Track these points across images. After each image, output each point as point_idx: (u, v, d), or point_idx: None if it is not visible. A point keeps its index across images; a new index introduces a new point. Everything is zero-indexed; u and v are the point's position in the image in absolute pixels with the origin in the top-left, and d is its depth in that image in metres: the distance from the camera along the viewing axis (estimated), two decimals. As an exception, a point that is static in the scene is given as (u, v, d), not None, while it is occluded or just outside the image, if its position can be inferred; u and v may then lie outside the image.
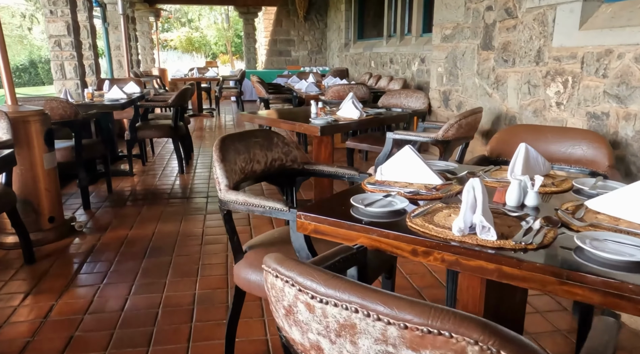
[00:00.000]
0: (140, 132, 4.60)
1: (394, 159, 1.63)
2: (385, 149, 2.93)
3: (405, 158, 1.61)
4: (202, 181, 4.55)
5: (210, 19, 23.79)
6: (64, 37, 5.65)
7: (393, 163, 1.62)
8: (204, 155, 5.77)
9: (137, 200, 3.94)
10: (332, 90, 5.01)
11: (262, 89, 5.61)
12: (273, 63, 12.82)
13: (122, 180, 4.55)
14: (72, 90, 5.81)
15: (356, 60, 10.14)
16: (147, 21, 11.41)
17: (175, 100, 4.59)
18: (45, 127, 2.91)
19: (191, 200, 3.96)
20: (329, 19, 12.36)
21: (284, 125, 3.19)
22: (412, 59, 7.01)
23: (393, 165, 1.62)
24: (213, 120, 9.02)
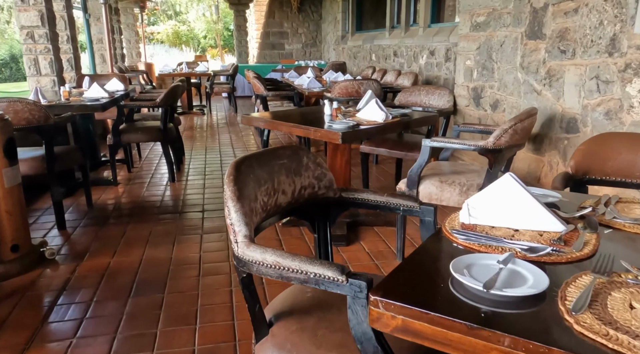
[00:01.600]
0: (124, 136, 4.05)
1: (489, 193, 1.12)
2: (420, 159, 2.44)
3: (506, 192, 1.11)
4: (196, 191, 4.02)
5: (198, 11, 23.03)
6: (38, 28, 5.05)
7: (487, 198, 1.12)
8: (196, 159, 5.23)
9: (122, 216, 3.40)
10: (340, 87, 4.49)
11: (260, 86, 5.07)
12: (266, 57, 12.24)
13: (104, 191, 4.00)
14: (47, 87, 5.22)
15: (355, 54, 9.62)
16: (131, 13, 10.76)
17: (164, 100, 4.04)
18: (4, 136, 2.36)
19: (184, 215, 3.43)
20: (324, 10, 11.80)
21: (296, 130, 2.68)
22: (419, 52, 6.51)
23: (487, 201, 1.12)
24: (204, 118, 8.45)
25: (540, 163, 2.71)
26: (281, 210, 1.37)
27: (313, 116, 3.28)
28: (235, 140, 6.40)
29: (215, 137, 6.61)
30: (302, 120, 3.12)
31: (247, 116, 3.01)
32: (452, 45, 5.60)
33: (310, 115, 3.34)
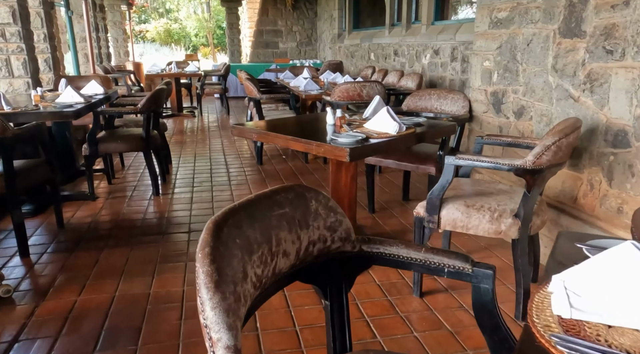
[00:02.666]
0: (102, 146, 3.64)
1: (600, 267, 0.74)
2: (443, 180, 2.06)
3: (622, 269, 0.72)
4: (182, 206, 3.62)
5: (189, 8, 22.51)
6: (9, 25, 4.62)
7: (597, 277, 0.74)
8: (185, 168, 4.82)
9: (96, 239, 3.00)
10: (341, 90, 4.11)
11: (253, 88, 4.68)
12: (259, 56, 11.83)
13: (80, 207, 3.59)
14: (21, 90, 4.79)
15: (352, 53, 9.24)
16: (118, 10, 10.30)
17: (147, 105, 3.63)
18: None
19: (168, 237, 3.03)
20: (320, 8, 11.40)
21: (295, 144, 2.29)
22: (422, 51, 6.14)
23: (598, 282, 0.73)
24: (195, 120, 8.03)
25: (577, 181, 2.35)
26: (281, 277, 0.99)
27: (313, 125, 2.89)
28: (227, 145, 6.00)
29: (206, 142, 6.20)
30: (301, 130, 2.73)
31: (238, 127, 2.61)
32: (458, 44, 5.23)
33: (310, 124, 2.95)
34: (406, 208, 3.55)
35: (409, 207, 3.55)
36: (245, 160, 5.16)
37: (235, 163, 5.01)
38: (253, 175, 4.55)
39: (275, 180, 4.33)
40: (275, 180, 4.33)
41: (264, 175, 4.52)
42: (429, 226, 2.13)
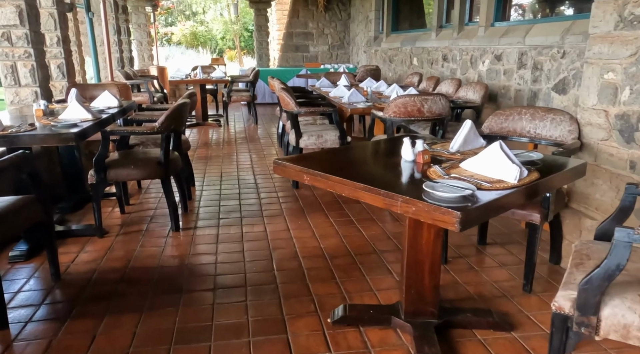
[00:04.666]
0: (111, 172, 3.01)
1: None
2: (611, 264, 1.32)
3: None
4: (207, 247, 2.96)
5: (216, 11, 22.09)
6: (15, 27, 4.06)
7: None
8: (210, 191, 4.18)
9: (98, 299, 2.35)
10: (397, 104, 3.40)
11: (290, 100, 4.00)
12: (288, 60, 11.20)
13: (85, 245, 2.97)
14: (28, 100, 4.23)
15: (390, 57, 8.50)
16: (143, 12, 9.82)
17: (166, 124, 2.99)
18: None
19: (189, 297, 2.36)
20: (354, 9, 10.70)
21: (369, 197, 1.58)
22: (479, 56, 5.37)
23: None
24: (220, 130, 7.43)
25: None
26: None
27: (380, 161, 2.18)
28: (256, 161, 5.34)
29: (233, 157, 5.57)
30: (365, 170, 2.02)
31: (281, 165, 1.92)
32: (529, 48, 4.45)
33: (375, 159, 2.24)
34: (484, 255, 2.81)
35: (488, 254, 2.81)
36: (277, 182, 4.49)
37: (266, 186, 4.34)
38: (288, 203, 3.87)
39: (316, 211, 3.64)
40: (316, 211, 3.64)
41: (302, 203, 3.83)
42: (579, 330, 1.40)
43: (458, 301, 2.32)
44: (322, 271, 2.64)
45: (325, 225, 3.36)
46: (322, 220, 3.46)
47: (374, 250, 2.93)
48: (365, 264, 2.73)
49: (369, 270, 2.64)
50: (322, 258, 2.81)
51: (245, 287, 2.46)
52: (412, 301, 2.01)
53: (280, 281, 2.52)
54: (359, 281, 2.52)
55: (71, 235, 3.12)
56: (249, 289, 2.44)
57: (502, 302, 2.30)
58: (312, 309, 2.25)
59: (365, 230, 3.24)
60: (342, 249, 2.94)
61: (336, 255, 2.86)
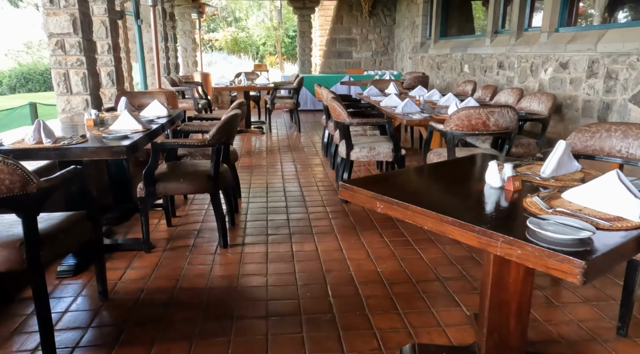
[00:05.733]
0: (160, 186, 2.90)
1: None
2: None
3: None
4: (257, 268, 2.80)
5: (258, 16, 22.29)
6: (69, 36, 4.07)
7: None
8: (256, 204, 4.04)
9: (147, 322, 2.22)
10: (459, 117, 3.15)
11: (342, 111, 3.81)
12: (331, 66, 11.06)
13: (132, 261, 2.87)
14: (79, 108, 4.24)
15: (438, 64, 8.20)
16: (189, 19, 9.91)
17: (217, 136, 2.86)
18: None
19: (240, 325, 2.20)
20: (399, 14, 10.45)
21: (461, 234, 1.36)
22: (541, 63, 5.03)
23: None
24: (263, 138, 7.34)
25: None
26: None
27: (457, 184, 1.95)
28: (301, 171, 5.19)
29: (277, 166, 5.43)
30: (444, 197, 1.80)
31: (349, 188, 1.72)
32: (601, 55, 4.10)
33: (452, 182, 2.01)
34: (561, 288, 2.50)
35: (567, 287, 2.50)
36: (325, 194, 4.31)
37: (314, 199, 4.17)
38: (338, 218, 3.68)
39: (368, 229, 3.43)
40: (368, 229, 3.43)
41: (352, 220, 3.63)
42: None
43: (541, 344, 2.05)
44: (382, 300, 2.43)
45: (380, 245, 3.15)
46: (376, 239, 3.24)
47: (436, 276, 2.69)
48: (428, 293, 2.49)
49: (434, 301, 2.41)
50: (381, 285, 2.59)
51: (300, 316, 2.27)
52: (494, 346, 1.76)
53: (338, 311, 2.32)
54: (424, 314, 2.29)
55: (118, 249, 3.03)
56: (304, 318, 2.25)
57: (593, 347, 2.02)
58: (375, 345, 2.04)
59: (424, 253, 3.00)
60: (401, 274, 2.72)
61: (395, 280, 2.63)
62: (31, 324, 2.18)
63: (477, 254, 2.96)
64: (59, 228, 2.02)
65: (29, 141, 2.45)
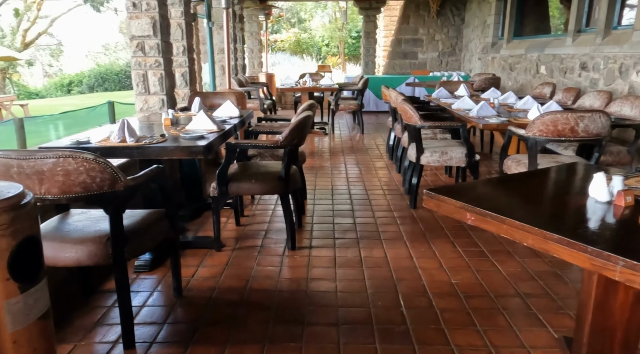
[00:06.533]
0: (233, 186, 2.94)
1: None
2: None
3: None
4: (325, 272, 2.75)
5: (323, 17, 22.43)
6: (149, 38, 4.23)
7: None
8: (322, 206, 4.00)
9: (218, 323, 2.24)
10: (544, 122, 2.95)
11: (413, 113, 3.70)
12: (395, 67, 10.87)
13: (203, 260, 2.92)
14: (155, 108, 4.40)
15: (511, 65, 7.81)
16: (256, 20, 10.12)
17: (289, 138, 2.84)
18: (10, 241, 1.27)
19: (311, 331, 2.16)
20: (469, 14, 10.08)
21: (568, 254, 1.23)
22: (632, 64, 4.63)
23: None
24: (326, 139, 7.32)
25: None
26: None
27: (555, 196, 1.79)
28: (366, 174, 5.10)
29: (341, 168, 5.38)
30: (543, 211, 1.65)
31: (434, 196, 1.63)
32: None
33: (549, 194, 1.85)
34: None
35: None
36: (392, 198, 4.20)
37: (380, 203, 4.07)
38: (407, 224, 3.56)
39: (439, 237, 3.29)
40: (439, 237, 3.29)
41: (422, 226, 3.50)
42: None
43: (643, 377, 1.84)
44: (458, 314, 2.30)
45: (453, 254, 3.00)
46: (449, 248, 3.10)
47: (516, 292, 2.51)
48: (509, 310, 2.33)
49: (516, 319, 2.25)
50: (456, 297, 2.46)
51: (372, 325, 2.20)
52: None
53: (411, 322, 2.22)
54: (506, 333, 2.14)
55: (190, 247, 3.10)
56: (377, 328, 2.17)
57: None
58: (454, 364, 1.92)
59: (501, 265, 2.83)
60: (477, 287, 2.57)
61: (472, 294, 2.49)
62: (112, 317, 2.26)
63: (561, 270, 2.75)
64: (140, 225, 2.08)
65: (114, 139, 2.56)
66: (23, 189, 1.36)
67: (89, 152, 1.78)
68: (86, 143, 2.54)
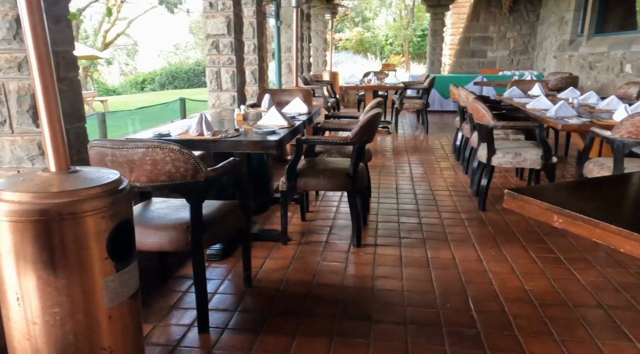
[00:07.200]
0: (301, 181, 2.99)
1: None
2: None
3: None
4: (391, 270, 2.73)
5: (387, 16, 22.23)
6: (223, 36, 4.40)
7: None
8: (386, 205, 3.97)
9: (287, 314, 2.29)
10: (634, 123, 2.75)
11: (486, 112, 3.57)
12: (462, 66, 10.56)
13: (270, 252, 3.00)
14: (226, 104, 4.57)
15: (591, 63, 7.34)
16: (322, 19, 10.20)
17: (359, 135, 2.85)
18: (112, 221, 1.37)
19: (378, 328, 2.15)
20: (544, 10, 9.59)
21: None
22: None
23: None
24: (389, 138, 7.25)
25: None
26: None
27: None
28: (430, 174, 5.00)
29: (405, 167, 5.31)
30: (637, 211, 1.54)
31: (517, 196, 1.56)
32: None
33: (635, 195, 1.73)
34: None
35: None
36: (459, 200, 4.08)
37: (446, 204, 3.97)
38: (475, 226, 3.45)
39: (511, 241, 3.16)
40: (511, 241, 3.16)
41: (492, 229, 3.38)
42: None
43: None
44: (533, 322, 2.20)
45: (526, 260, 2.87)
46: (521, 253, 2.97)
47: (598, 303, 2.36)
48: (589, 321, 2.20)
49: (598, 331, 2.11)
50: (530, 304, 2.35)
51: (441, 327, 2.15)
52: None
53: (482, 327, 2.15)
54: (587, 345, 2.02)
55: (257, 239, 3.18)
56: (446, 330, 2.13)
57: None
58: (529, 373, 1.84)
59: (580, 274, 2.67)
60: (553, 295, 2.44)
61: (548, 302, 2.37)
62: (186, 302, 2.38)
63: (648, 283, 2.55)
64: (217, 215, 2.16)
65: (192, 133, 2.68)
66: (120, 176, 1.46)
67: (174, 143, 1.88)
68: (167, 135, 2.68)
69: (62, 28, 1.90)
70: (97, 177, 1.40)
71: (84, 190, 1.32)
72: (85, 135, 2.14)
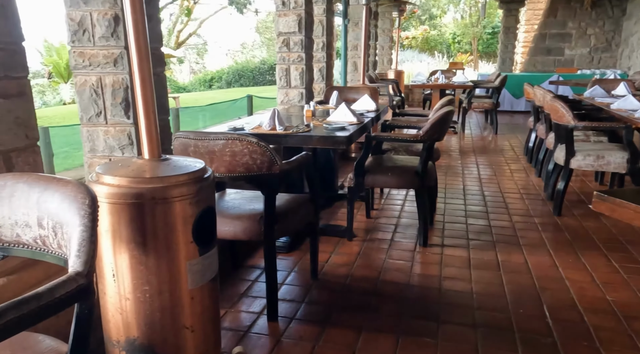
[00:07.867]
0: (369, 177, 2.98)
1: None
2: None
3: None
4: (459, 272, 2.66)
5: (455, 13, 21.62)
6: (294, 34, 4.48)
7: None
8: (453, 206, 3.87)
9: (352, 308, 2.30)
10: None
11: (566, 112, 3.38)
12: (536, 64, 10.05)
13: (335, 247, 3.02)
14: (294, 101, 4.65)
15: (685, 61, 6.72)
16: (389, 17, 10.10)
17: (430, 132, 2.80)
18: (198, 207, 1.45)
19: (446, 329, 2.11)
20: (632, 4, 8.90)
21: None
22: None
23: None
24: (455, 138, 7.06)
25: None
26: None
27: None
28: (500, 176, 4.82)
29: (472, 168, 5.15)
30: None
31: (607, 199, 1.47)
32: None
33: None
34: None
35: None
36: (531, 203, 3.90)
37: (518, 208, 3.81)
38: (549, 232, 3.28)
39: (590, 249, 2.97)
40: (590, 249, 2.97)
41: (568, 235, 3.20)
42: None
43: None
44: (617, 334, 2.06)
45: (608, 269, 2.69)
46: (602, 261, 2.79)
47: (691, 320, 2.17)
48: (682, 339, 2.03)
49: (691, 350, 1.95)
50: (613, 316, 2.21)
51: (514, 332, 2.08)
52: None
53: (559, 336, 2.05)
54: (678, 364, 1.86)
55: (323, 234, 3.22)
56: (519, 336, 2.05)
57: None
58: (612, 388, 1.73)
59: (670, 288, 2.47)
60: (639, 308, 2.27)
61: (633, 314, 2.21)
62: (256, 290, 2.46)
63: None
64: (288, 208, 2.22)
65: (265, 127, 2.76)
66: (205, 165, 1.54)
67: (252, 136, 1.95)
68: (241, 129, 2.77)
69: (153, 25, 2.02)
70: (185, 165, 1.48)
71: (174, 177, 1.40)
72: (168, 127, 2.27)
